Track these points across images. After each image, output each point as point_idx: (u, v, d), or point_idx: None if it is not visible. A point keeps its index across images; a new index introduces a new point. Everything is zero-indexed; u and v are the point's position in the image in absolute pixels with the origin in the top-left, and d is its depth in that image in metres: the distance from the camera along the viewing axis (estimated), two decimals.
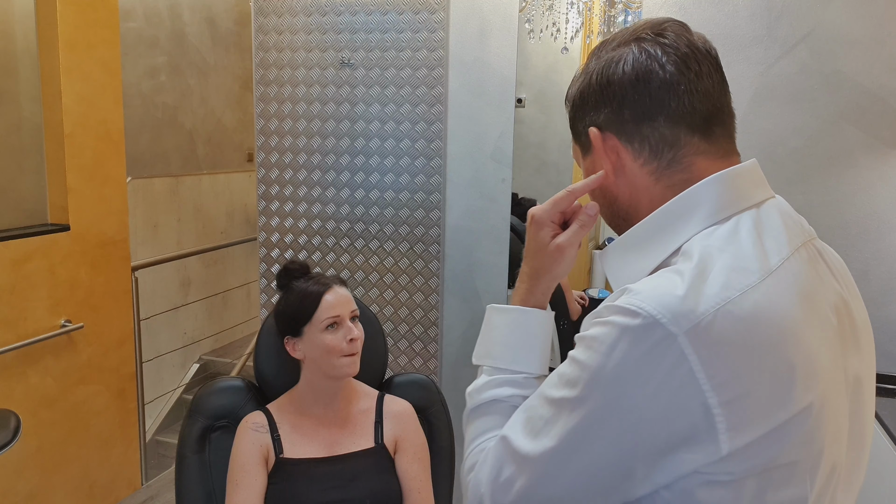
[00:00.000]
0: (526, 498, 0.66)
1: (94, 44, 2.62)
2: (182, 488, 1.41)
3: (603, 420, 0.62)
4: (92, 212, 2.67)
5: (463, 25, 2.17)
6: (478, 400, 0.76)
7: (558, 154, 3.46)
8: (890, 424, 1.64)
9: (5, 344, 2.36)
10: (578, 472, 0.64)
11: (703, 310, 0.58)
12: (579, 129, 0.76)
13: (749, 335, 0.59)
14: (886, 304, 1.88)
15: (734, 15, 1.93)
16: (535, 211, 0.78)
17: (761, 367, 0.59)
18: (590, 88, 0.73)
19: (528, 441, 0.66)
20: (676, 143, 0.69)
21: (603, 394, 0.61)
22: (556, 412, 0.65)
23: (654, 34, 0.71)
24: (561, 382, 0.66)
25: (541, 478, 0.65)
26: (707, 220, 0.67)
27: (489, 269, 2.25)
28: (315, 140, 2.34)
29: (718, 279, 0.60)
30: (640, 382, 0.59)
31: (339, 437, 1.39)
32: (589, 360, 0.62)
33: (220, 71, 4.27)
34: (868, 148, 1.86)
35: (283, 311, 1.39)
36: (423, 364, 2.33)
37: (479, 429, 0.75)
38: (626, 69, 0.70)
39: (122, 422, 2.85)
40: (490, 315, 0.81)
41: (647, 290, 0.61)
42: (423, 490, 1.40)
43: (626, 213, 0.74)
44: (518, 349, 0.77)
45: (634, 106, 0.69)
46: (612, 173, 0.73)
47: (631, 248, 0.71)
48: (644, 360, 0.59)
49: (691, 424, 0.59)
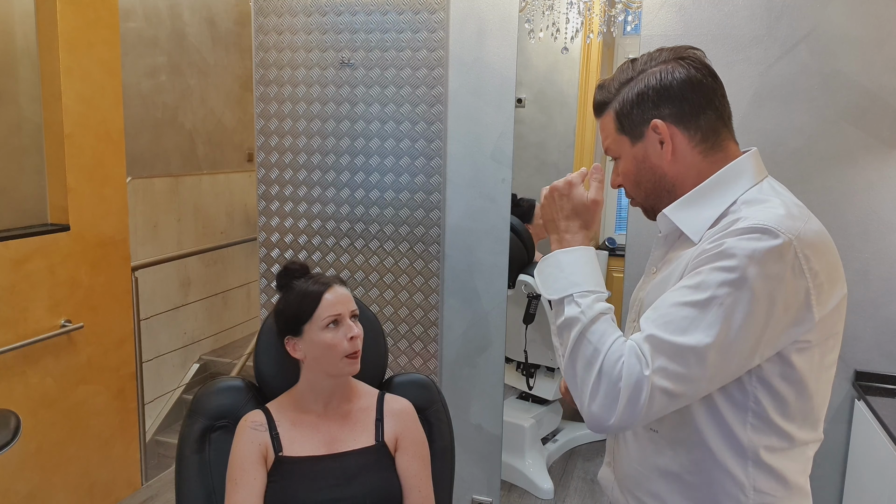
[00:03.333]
0: (678, 379, 0.84)
1: (94, 44, 2.62)
2: (182, 488, 1.41)
3: (749, 311, 0.84)
4: (92, 212, 2.67)
5: (463, 25, 2.17)
6: (591, 314, 0.91)
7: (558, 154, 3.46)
8: (890, 424, 1.63)
9: (5, 344, 2.35)
10: (723, 356, 0.85)
11: (799, 226, 0.87)
12: (635, 122, 0.98)
13: (821, 243, 0.89)
14: (886, 304, 1.88)
15: (734, 15, 1.92)
16: (568, 178, 1.01)
17: (828, 263, 0.89)
18: (648, 90, 0.97)
19: (678, 337, 0.85)
20: (717, 131, 0.97)
21: (750, 290, 0.83)
22: (700, 312, 0.84)
23: (692, 54, 0.98)
24: (700, 288, 0.85)
25: (693, 363, 0.84)
26: (750, 182, 0.95)
27: (489, 269, 2.25)
28: (315, 140, 2.34)
29: (793, 210, 0.89)
30: (776, 278, 0.84)
31: (339, 434, 1.39)
32: (731, 265, 0.84)
33: (220, 71, 4.27)
34: (868, 148, 1.86)
35: (283, 310, 1.39)
36: (423, 364, 2.33)
37: (602, 333, 0.90)
38: (681, 77, 0.95)
39: (122, 422, 2.85)
40: (556, 259, 0.99)
41: (760, 214, 0.87)
42: (423, 488, 1.40)
43: (672, 185, 0.99)
44: (596, 275, 0.97)
45: (692, 103, 0.95)
46: (670, 154, 0.97)
47: (695, 203, 0.96)
48: (775, 259, 0.84)
49: (800, 303, 0.86)
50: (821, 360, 0.91)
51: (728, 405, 0.91)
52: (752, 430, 0.91)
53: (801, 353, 0.89)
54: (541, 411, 3.07)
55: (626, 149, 1.01)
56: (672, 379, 0.84)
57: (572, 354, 0.91)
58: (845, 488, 1.95)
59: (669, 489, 0.98)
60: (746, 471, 0.92)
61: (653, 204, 1.02)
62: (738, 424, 0.91)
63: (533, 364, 3.03)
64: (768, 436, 0.91)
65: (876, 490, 1.71)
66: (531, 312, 2.80)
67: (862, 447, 1.84)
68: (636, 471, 1.03)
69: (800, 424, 0.93)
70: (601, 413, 0.86)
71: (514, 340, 2.90)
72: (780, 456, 0.93)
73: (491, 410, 2.32)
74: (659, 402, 0.84)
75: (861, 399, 1.86)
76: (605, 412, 0.85)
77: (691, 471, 0.95)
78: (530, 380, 3.03)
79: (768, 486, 0.93)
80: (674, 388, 0.84)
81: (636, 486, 1.04)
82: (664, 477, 0.99)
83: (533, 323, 2.84)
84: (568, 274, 0.97)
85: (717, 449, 0.93)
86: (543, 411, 3.09)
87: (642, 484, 1.02)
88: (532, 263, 2.92)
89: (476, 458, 2.35)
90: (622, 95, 0.99)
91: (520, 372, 3.09)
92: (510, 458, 2.86)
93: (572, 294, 0.94)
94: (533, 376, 3.05)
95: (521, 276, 2.83)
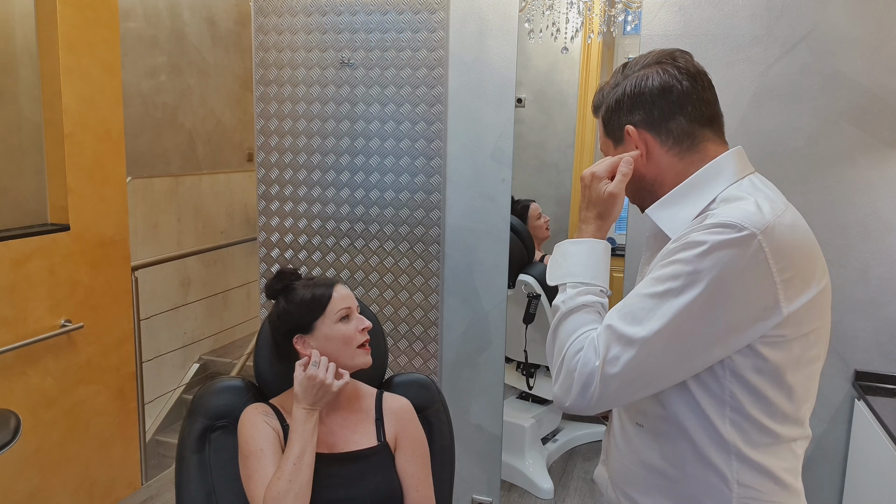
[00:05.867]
0: (630, 369, 0.88)
1: (94, 44, 2.62)
2: (182, 488, 1.41)
3: (703, 302, 0.86)
4: (92, 212, 2.67)
5: (463, 25, 2.17)
6: (570, 305, 0.98)
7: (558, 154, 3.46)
8: (890, 424, 1.63)
9: (5, 344, 2.35)
10: (676, 347, 0.88)
11: (768, 220, 0.87)
12: (614, 127, 1.03)
13: (793, 236, 0.89)
14: (886, 304, 1.88)
15: (734, 15, 1.92)
16: (592, 168, 1.04)
17: (802, 256, 0.89)
18: (624, 97, 1.00)
19: (632, 327, 0.89)
20: (693, 134, 0.98)
21: (705, 281, 0.85)
22: (657, 303, 0.88)
23: (671, 59, 1.00)
24: (660, 280, 0.89)
25: (644, 353, 0.88)
26: (730, 179, 0.96)
27: (489, 269, 2.25)
28: (315, 140, 2.34)
29: (766, 205, 0.89)
30: (733, 270, 0.85)
31: (342, 434, 1.39)
32: (691, 257, 0.86)
33: (220, 71, 4.27)
34: (868, 148, 1.86)
35: (290, 310, 1.38)
36: (423, 364, 2.33)
37: (575, 324, 0.96)
38: (654, 83, 0.98)
39: (121, 422, 2.85)
40: (564, 247, 1.04)
41: (728, 211, 0.88)
42: (423, 488, 1.40)
43: (652, 186, 1.02)
44: (595, 268, 1.01)
45: (661, 109, 0.98)
46: (644, 157, 1.00)
47: (675, 202, 0.98)
48: (736, 253, 0.85)
49: (764, 297, 0.86)
50: (801, 353, 0.92)
51: (707, 398, 0.93)
52: (731, 425, 0.92)
53: (774, 346, 0.89)
54: (541, 411, 3.07)
55: (611, 151, 1.06)
56: (623, 366, 0.88)
57: (550, 339, 1.00)
58: (845, 488, 1.95)
59: (656, 486, 1.00)
60: (730, 465, 0.93)
61: (639, 203, 1.07)
62: (718, 418, 0.93)
63: (533, 364, 3.03)
64: (748, 431, 0.93)
65: (876, 490, 1.70)
66: (531, 312, 2.80)
67: (862, 447, 1.84)
68: (626, 467, 1.05)
69: (781, 420, 0.93)
70: (560, 395, 0.95)
71: (514, 340, 2.90)
72: (763, 452, 0.93)
73: (491, 410, 2.32)
74: (613, 388, 0.90)
75: (861, 399, 1.86)
76: (563, 395, 0.94)
77: (675, 464, 0.97)
78: (530, 380, 3.03)
79: (753, 481, 0.94)
80: (626, 374, 0.89)
81: (626, 484, 1.05)
82: (651, 472, 1.00)
83: (533, 323, 2.84)
84: (570, 264, 1.02)
85: (700, 442, 0.94)
86: (543, 411, 3.09)
87: (630, 481, 1.04)
88: (532, 263, 2.92)
89: (476, 458, 2.35)
90: (608, 100, 1.04)
91: (520, 372, 3.09)
92: (510, 458, 2.86)
93: (566, 283, 1.00)
94: (533, 376, 3.05)
95: (521, 276, 2.83)
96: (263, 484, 1.26)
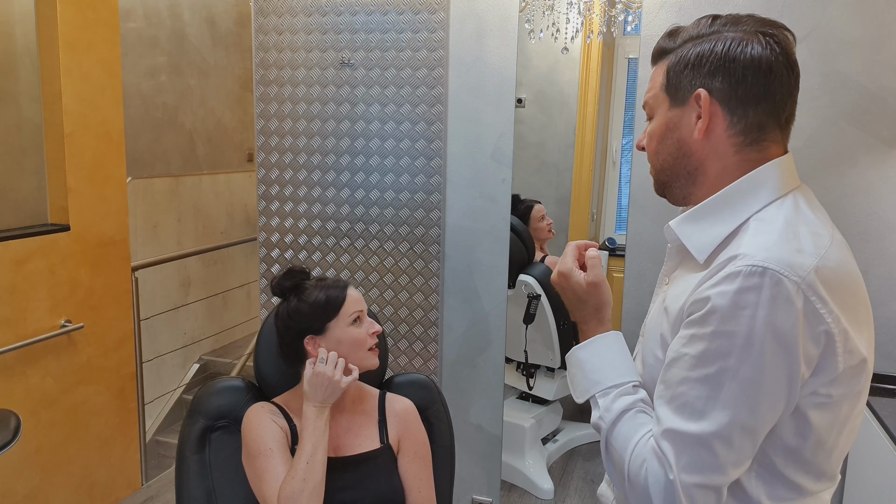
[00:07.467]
0: (712, 468, 0.77)
1: (94, 44, 2.62)
2: (182, 488, 1.41)
3: (765, 371, 0.75)
4: (92, 212, 2.67)
5: (463, 25, 2.17)
6: (610, 417, 0.87)
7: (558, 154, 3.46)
8: (890, 424, 1.63)
9: (5, 344, 2.35)
10: (753, 429, 0.77)
11: (810, 262, 0.75)
12: (682, 85, 0.86)
13: (841, 279, 0.78)
14: (886, 304, 1.88)
15: None
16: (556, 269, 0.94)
17: (852, 301, 0.79)
18: (711, 56, 0.83)
19: (695, 423, 0.77)
20: (764, 129, 0.84)
21: (759, 349, 0.74)
22: (712, 387, 0.76)
23: (778, 34, 0.83)
24: (704, 360, 0.76)
25: (722, 449, 0.76)
26: (771, 196, 0.83)
27: (489, 269, 2.25)
28: (315, 140, 2.34)
29: (808, 240, 0.78)
30: (785, 327, 0.74)
31: (346, 436, 1.39)
32: (733, 328, 0.74)
33: (220, 71, 4.27)
34: (868, 148, 1.86)
35: (303, 311, 1.37)
36: (423, 364, 2.33)
37: (626, 435, 0.85)
38: (753, 55, 0.81)
39: (122, 422, 2.85)
40: (574, 356, 0.94)
41: (759, 251, 0.76)
42: (424, 489, 1.40)
43: (695, 169, 0.88)
44: (615, 365, 0.90)
45: (750, 88, 0.82)
46: (702, 131, 0.85)
47: (704, 218, 0.86)
48: (783, 308, 0.73)
49: (818, 348, 0.76)
50: (849, 412, 0.81)
51: None
52: (757, 478, 0.83)
53: (820, 409, 0.79)
54: (541, 411, 3.07)
55: (663, 109, 0.90)
56: (704, 472, 0.77)
57: (605, 457, 0.88)
58: (845, 488, 1.95)
59: None
60: None
61: (665, 180, 0.92)
62: (743, 473, 0.82)
63: (533, 364, 3.03)
64: (774, 485, 0.83)
65: (876, 490, 1.70)
66: (531, 312, 2.80)
67: (862, 447, 1.84)
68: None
69: (815, 478, 0.83)
70: None
71: (514, 340, 2.90)
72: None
73: (491, 410, 2.32)
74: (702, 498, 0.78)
75: None
76: None
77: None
78: (530, 380, 3.03)
79: None
80: (709, 480, 0.77)
81: None
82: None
83: (533, 323, 2.84)
84: (588, 372, 0.92)
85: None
86: (543, 411, 3.09)
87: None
88: (532, 264, 2.92)
89: (476, 458, 2.35)
90: (683, 50, 0.87)
91: (520, 372, 3.09)
92: (510, 458, 2.86)
93: (594, 395, 0.90)
94: (533, 376, 3.05)
95: (521, 276, 2.83)
96: (275, 483, 1.26)
